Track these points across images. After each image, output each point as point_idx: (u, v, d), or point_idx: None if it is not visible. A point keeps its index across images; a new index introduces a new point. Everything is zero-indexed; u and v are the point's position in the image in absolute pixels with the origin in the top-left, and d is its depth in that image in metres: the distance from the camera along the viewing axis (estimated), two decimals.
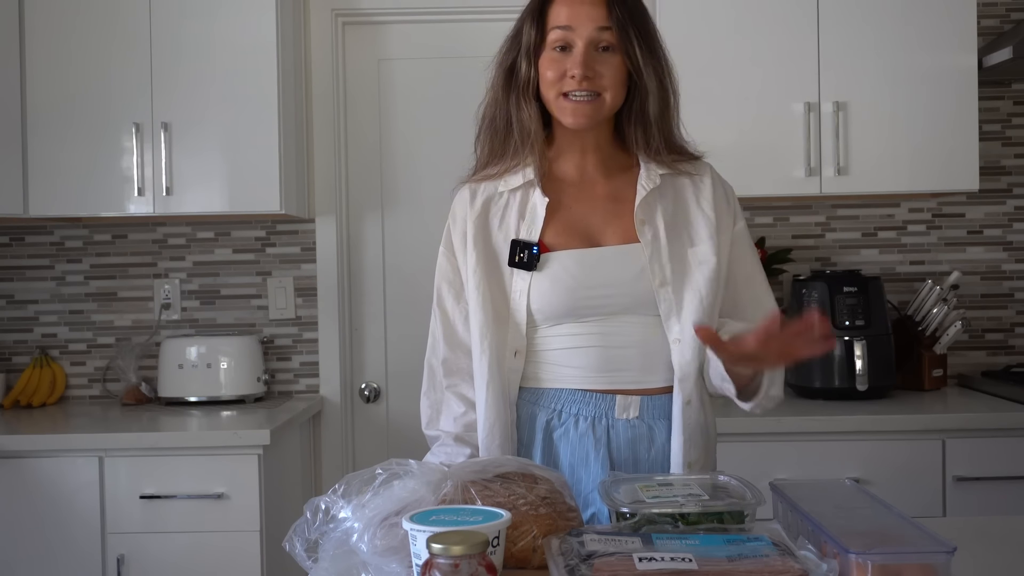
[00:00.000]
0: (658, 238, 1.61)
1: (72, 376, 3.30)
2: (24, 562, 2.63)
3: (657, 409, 1.61)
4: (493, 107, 1.67)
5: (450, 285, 1.71)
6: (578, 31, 1.58)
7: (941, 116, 2.88)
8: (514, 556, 1.23)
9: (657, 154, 1.64)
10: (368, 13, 3.27)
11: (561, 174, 1.68)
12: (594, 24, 1.57)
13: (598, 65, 1.58)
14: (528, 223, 1.64)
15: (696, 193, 1.67)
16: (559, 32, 1.59)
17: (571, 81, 1.57)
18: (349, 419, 3.31)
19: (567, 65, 1.58)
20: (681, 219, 1.65)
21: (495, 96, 1.67)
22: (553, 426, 1.62)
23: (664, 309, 1.59)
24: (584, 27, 1.57)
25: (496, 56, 1.68)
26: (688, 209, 1.66)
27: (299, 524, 1.27)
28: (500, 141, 1.67)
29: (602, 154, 1.68)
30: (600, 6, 1.58)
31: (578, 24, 1.58)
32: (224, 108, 2.92)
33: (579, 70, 1.56)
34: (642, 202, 1.62)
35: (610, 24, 1.57)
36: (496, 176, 1.67)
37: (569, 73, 1.57)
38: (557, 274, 1.60)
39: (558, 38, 1.59)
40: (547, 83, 1.60)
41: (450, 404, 1.70)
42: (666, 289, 1.59)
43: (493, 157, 1.68)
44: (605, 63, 1.59)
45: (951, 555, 1.08)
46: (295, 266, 3.29)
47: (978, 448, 2.62)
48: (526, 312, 1.61)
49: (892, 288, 3.19)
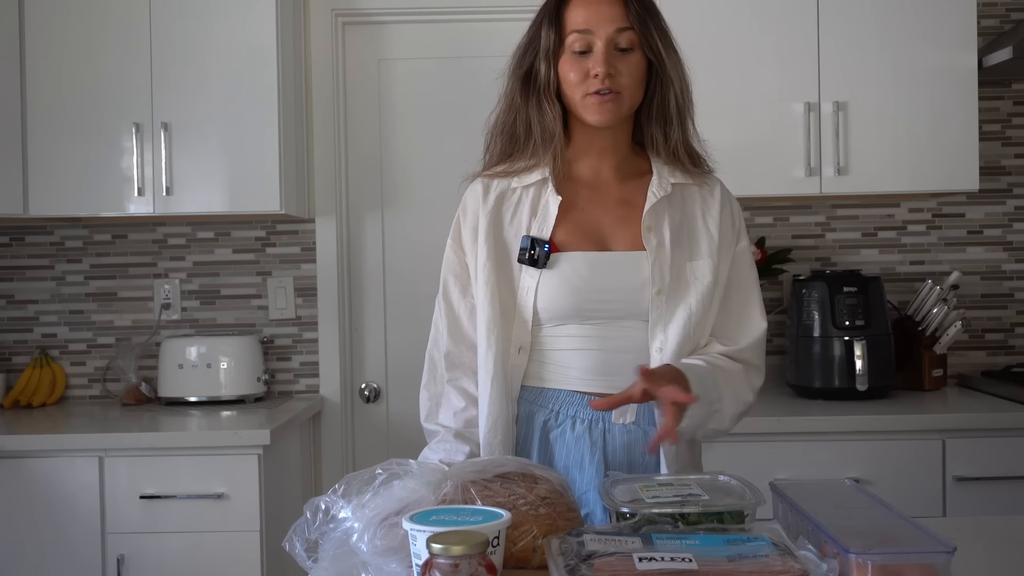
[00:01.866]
0: (663, 246, 1.62)
1: (72, 376, 3.30)
2: (24, 562, 2.63)
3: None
4: (509, 113, 1.68)
5: (456, 278, 1.71)
6: (597, 33, 1.59)
7: (941, 116, 2.88)
8: (514, 556, 1.23)
9: (675, 155, 1.65)
10: (368, 13, 3.27)
11: (576, 176, 1.69)
12: (614, 25, 1.59)
13: (619, 63, 1.59)
14: (540, 221, 1.64)
15: (704, 208, 1.68)
16: (578, 35, 1.60)
17: (595, 81, 1.58)
18: (349, 419, 3.31)
19: (589, 65, 1.59)
20: (686, 231, 1.65)
21: (511, 102, 1.67)
22: (550, 426, 1.63)
23: (654, 317, 1.60)
24: (603, 28, 1.59)
25: (510, 64, 1.68)
26: (695, 222, 1.66)
27: (299, 524, 1.27)
28: (519, 145, 1.67)
29: (618, 157, 1.69)
30: (618, 6, 1.60)
31: (597, 26, 1.59)
32: (224, 108, 2.92)
33: (602, 68, 1.57)
34: (651, 209, 1.63)
35: (629, 23, 1.59)
36: (512, 173, 1.67)
37: (592, 72, 1.58)
38: (566, 274, 1.61)
39: (577, 41, 1.60)
40: (570, 84, 1.61)
41: (450, 398, 1.70)
42: (661, 298, 1.60)
43: (506, 156, 1.68)
44: (625, 62, 1.60)
45: (951, 555, 1.07)
46: (295, 266, 3.29)
47: (978, 448, 2.62)
48: (532, 310, 1.62)
49: (892, 288, 3.19)
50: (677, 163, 1.66)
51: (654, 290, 1.59)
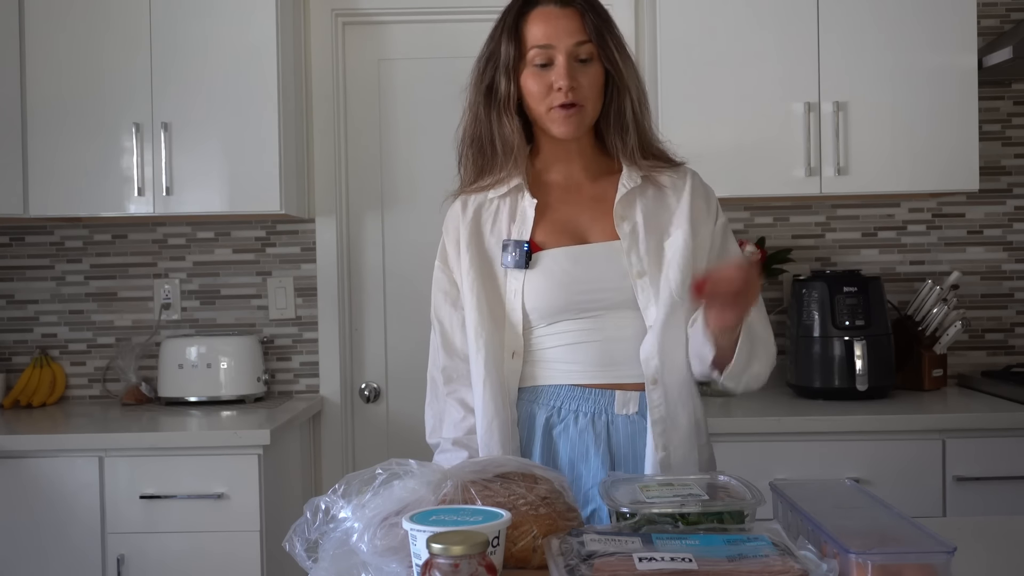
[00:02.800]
0: (636, 232, 1.64)
1: (72, 376, 3.30)
2: (24, 562, 2.63)
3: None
4: (475, 126, 1.71)
5: (446, 295, 1.74)
6: (558, 47, 1.62)
7: (941, 116, 2.88)
8: (514, 556, 1.23)
9: (632, 158, 1.68)
10: (368, 13, 3.27)
11: (549, 180, 1.73)
12: (572, 39, 1.62)
13: (579, 76, 1.63)
14: (519, 224, 1.68)
15: (675, 191, 1.70)
16: (539, 50, 1.63)
17: (558, 94, 1.62)
18: (349, 419, 3.30)
19: (552, 78, 1.62)
20: (660, 214, 1.67)
21: (476, 115, 1.71)
22: (553, 423, 1.64)
23: (643, 300, 1.62)
24: (563, 42, 1.62)
25: (471, 76, 1.72)
26: (668, 204, 1.69)
27: (299, 524, 1.27)
28: (487, 157, 1.70)
29: (586, 159, 1.73)
30: (575, 19, 1.63)
31: (557, 40, 1.62)
32: (224, 108, 2.92)
33: (565, 81, 1.61)
34: (622, 199, 1.67)
35: (587, 36, 1.63)
36: (486, 188, 1.71)
37: (555, 86, 1.62)
38: (551, 270, 1.63)
39: (538, 55, 1.63)
40: (534, 98, 1.64)
41: (450, 412, 1.72)
42: (644, 279, 1.62)
43: (480, 173, 1.71)
44: (585, 74, 1.64)
45: (951, 555, 1.07)
46: (295, 266, 3.29)
47: (978, 448, 2.62)
48: (522, 312, 1.64)
49: (892, 288, 3.19)
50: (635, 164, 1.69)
51: (634, 272, 1.62)
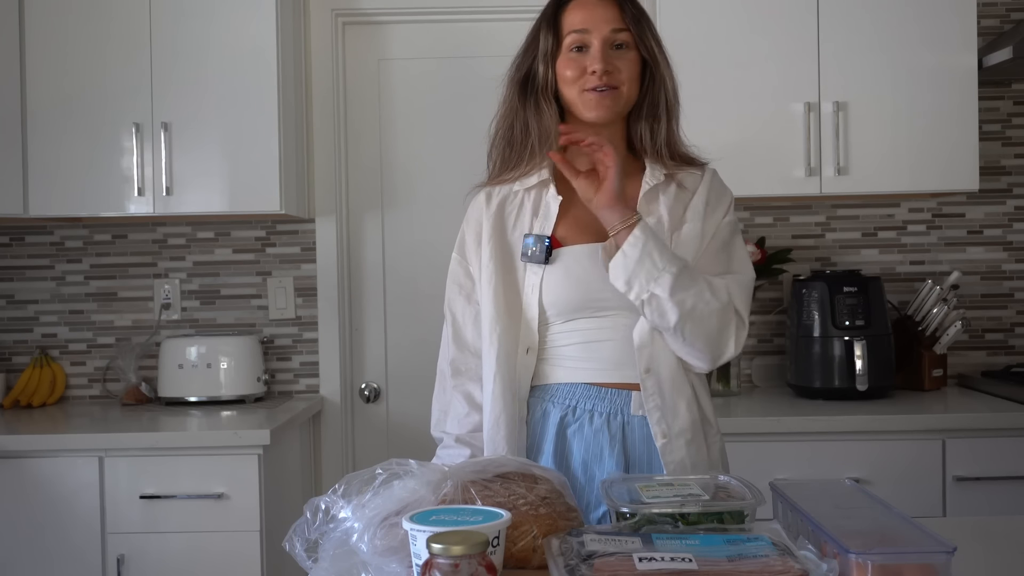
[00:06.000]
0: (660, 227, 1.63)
1: (72, 376, 3.30)
2: (24, 562, 2.63)
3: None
4: (509, 117, 1.70)
5: (460, 288, 1.73)
6: (594, 32, 1.63)
7: (941, 116, 2.88)
8: (514, 556, 1.23)
9: (659, 154, 1.68)
10: (368, 13, 3.27)
11: None
12: (609, 25, 1.63)
13: (616, 60, 1.63)
14: (542, 219, 1.67)
15: (693, 188, 1.70)
16: (575, 35, 1.64)
17: (592, 77, 1.62)
18: (349, 419, 3.30)
19: (586, 62, 1.62)
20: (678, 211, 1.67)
21: (511, 107, 1.70)
22: (567, 422, 1.63)
23: None
24: (599, 28, 1.63)
25: (508, 72, 1.71)
26: (684, 201, 1.68)
27: (299, 524, 1.27)
28: (516, 150, 1.69)
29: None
30: (612, 7, 1.64)
31: (593, 26, 1.63)
32: (224, 108, 2.92)
33: (599, 65, 1.61)
34: (644, 196, 1.66)
35: (624, 24, 1.63)
36: (512, 180, 1.70)
37: (589, 69, 1.62)
38: (569, 267, 1.63)
39: (575, 40, 1.64)
40: (567, 81, 1.64)
41: (455, 406, 1.72)
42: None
43: (507, 165, 1.71)
44: (621, 59, 1.64)
45: (951, 555, 1.07)
46: (295, 266, 3.29)
47: (978, 448, 2.62)
48: (538, 307, 1.63)
49: (892, 288, 3.19)
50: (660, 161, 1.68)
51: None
